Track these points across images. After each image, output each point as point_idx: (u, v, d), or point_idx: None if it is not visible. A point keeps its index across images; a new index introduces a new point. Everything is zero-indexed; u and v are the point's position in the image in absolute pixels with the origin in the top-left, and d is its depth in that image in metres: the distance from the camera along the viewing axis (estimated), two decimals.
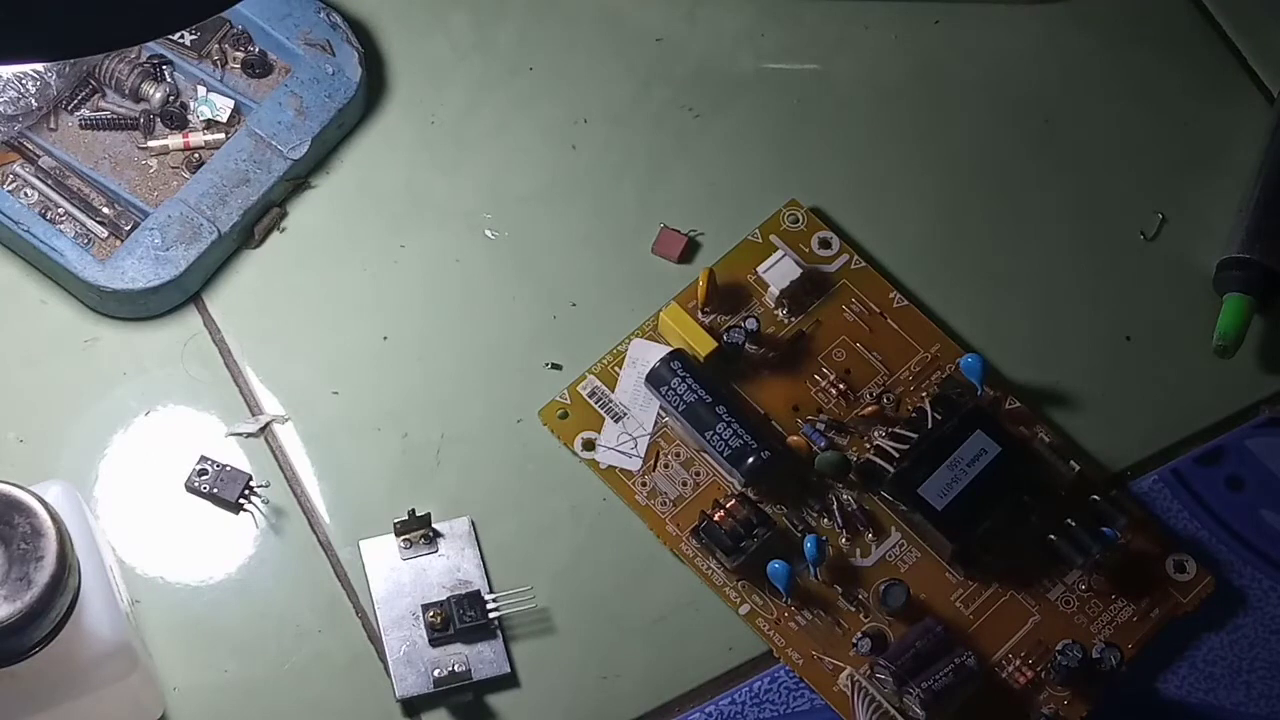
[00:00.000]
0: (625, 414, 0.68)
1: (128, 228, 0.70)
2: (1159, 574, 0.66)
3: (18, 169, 0.71)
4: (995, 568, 0.66)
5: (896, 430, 0.67)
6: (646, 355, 0.69)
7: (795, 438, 0.68)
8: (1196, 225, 0.73)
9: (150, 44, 0.72)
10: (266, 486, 0.67)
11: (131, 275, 0.68)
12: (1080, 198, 0.74)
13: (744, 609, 0.66)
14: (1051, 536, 0.66)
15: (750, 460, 0.66)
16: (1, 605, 0.53)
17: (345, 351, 0.70)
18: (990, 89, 0.76)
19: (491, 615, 0.64)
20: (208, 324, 0.70)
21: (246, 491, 0.66)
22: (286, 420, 0.68)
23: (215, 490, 0.66)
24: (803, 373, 0.69)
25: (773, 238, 0.72)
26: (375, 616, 0.65)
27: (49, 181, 0.70)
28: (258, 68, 0.73)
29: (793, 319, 0.70)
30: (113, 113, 0.72)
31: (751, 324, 0.69)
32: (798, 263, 0.70)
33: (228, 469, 0.67)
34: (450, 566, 0.65)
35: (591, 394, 0.69)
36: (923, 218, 0.73)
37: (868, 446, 0.68)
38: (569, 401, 0.68)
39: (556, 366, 0.70)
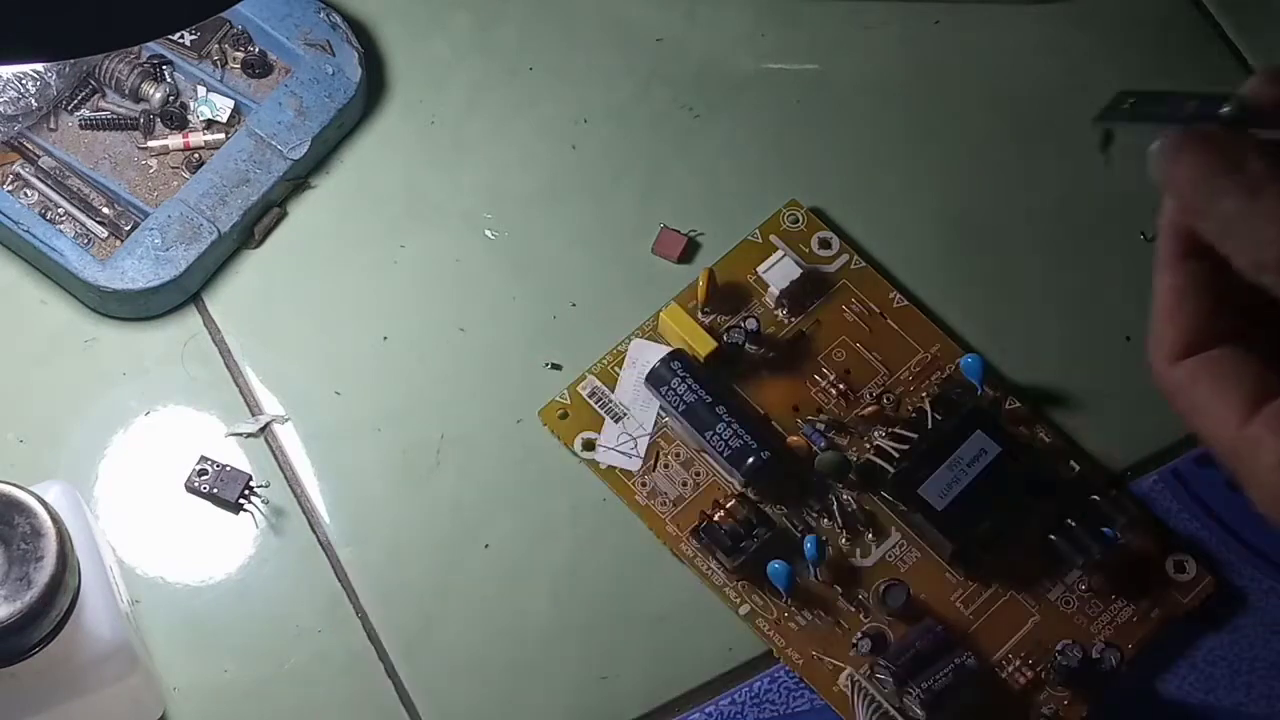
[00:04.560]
0: (625, 414, 0.68)
1: (128, 228, 0.70)
2: (1159, 574, 0.66)
3: (18, 169, 0.71)
4: (995, 568, 0.66)
5: (896, 430, 0.67)
6: (646, 355, 0.69)
7: (795, 438, 0.68)
8: None
9: (150, 44, 0.72)
10: (266, 486, 0.67)
11: (131, 275, 0.68)
12: (1080, 198, 0.74)
13: (744, 609, 0.66)
14: (1051, 536, 0.66)
15: (750, 460, 0.66)
16: (1, 605, 0.53)
17: (345, 351, 0.70)
18: (990, 89, 0.76)
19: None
20: (208, 324, 0.70)
21: (246, 491, 0.66)
22: (286, 420, 0.68)
23: (215, 490, 0.66)
24: (803, 373, 0.69)
25: (773, 238, 0.72)
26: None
27: (49, 181, 0.70)
28: (258, 68, 0.73)
29: (793, 319, 0.70)
30: (113, 113, 0.72)
31: (751, 324, 0.69)
32: (798, 263, 0.70)
33: (228, 469, 0.67)
34: None
35: (591, 394, 0.69)
36: (923, 217, 0.73)
37: (868, 446, 0.68)
38: (569, 401, 0.68)
39: (556, 366, 0.70)
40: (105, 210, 0.70)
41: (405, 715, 0.64)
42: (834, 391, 0.69)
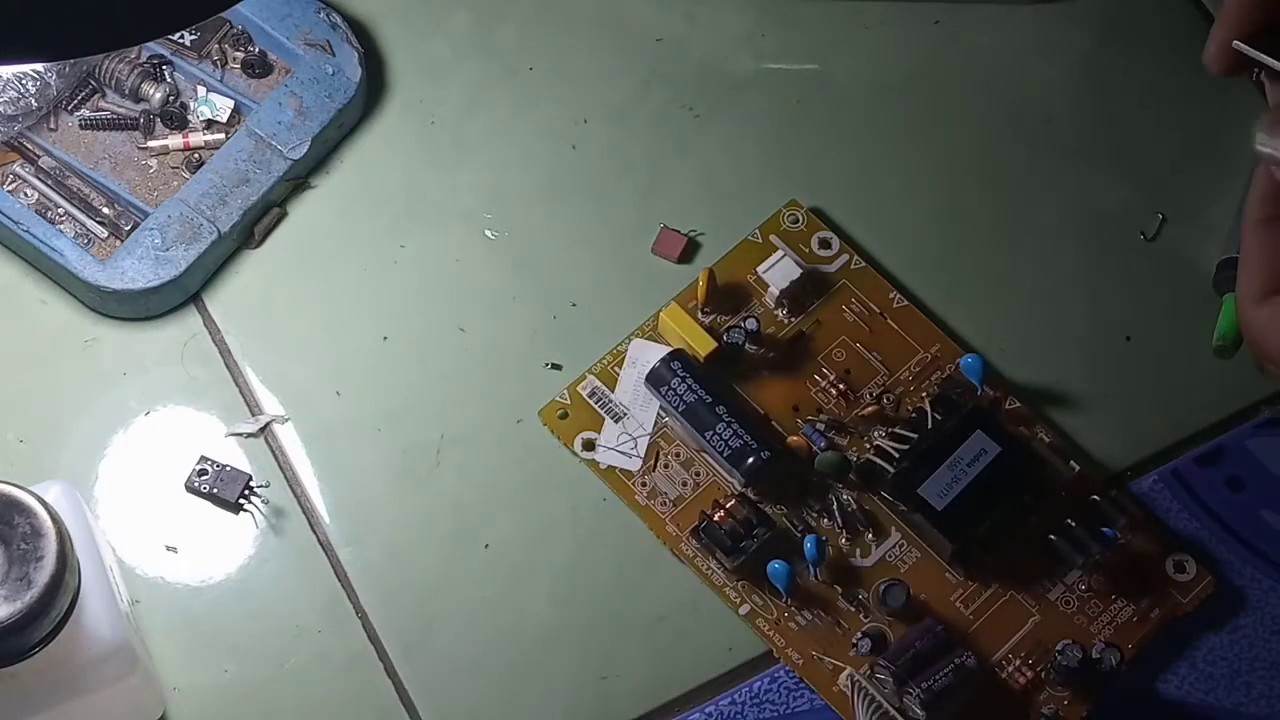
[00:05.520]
0: (625, 414, 0.68)
1: (128, 228, 0.70)
2: (1159, 574, 0.66)
3: (18, 169, 0.71)
4: (995, 568, 0.66)
5: (896, 430, 0.67)
6: (646, 355, 0.69)
7: (795, 438, 0.68)
8: (1196, 225, 0.73)
9: (150, 44, 0.72)
10: (266, 486, 0.67)
11: (131, 275, 0.68)
12: (1080, 198, 0.74)
13: (744, 609, 0.66)
14: (1051, 536, 0.66)
15: (750, 460, 0.66)
16: (1, 605, 0.53)
17: (345, 351, 0.70)
18: (990, 89, 0.76)
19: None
20: (208, 324, 0.70)
21: (246, 491, 0.66)
22: (286, 420, 0.68)
23: (215, 490, 0.66)
24: (803, 373, 0.69)
25: (773, 238, 0.72)
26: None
27: (49, 181, 0.70)
28: (258, 68, 0.73)
29: (793, 319, 0.70)
30: (113, 113, 0.72)
31: (751, 324, 0.69)
32: (798, 263, 0.70)
33: (228, 469, 0.67)
34: None
35: (591, 394, 0.69)
36: (923, 218, 0.73)
37: (868, 446, 0.68)
38: (569, 401, 0.68)
39: (556, 366, 0.70)
40: (105, 210, 0.70)
41: (405, 715, 0.64)
42: (834, 391, 0.69)
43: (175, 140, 0.71)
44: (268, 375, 0.69)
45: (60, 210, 0.70)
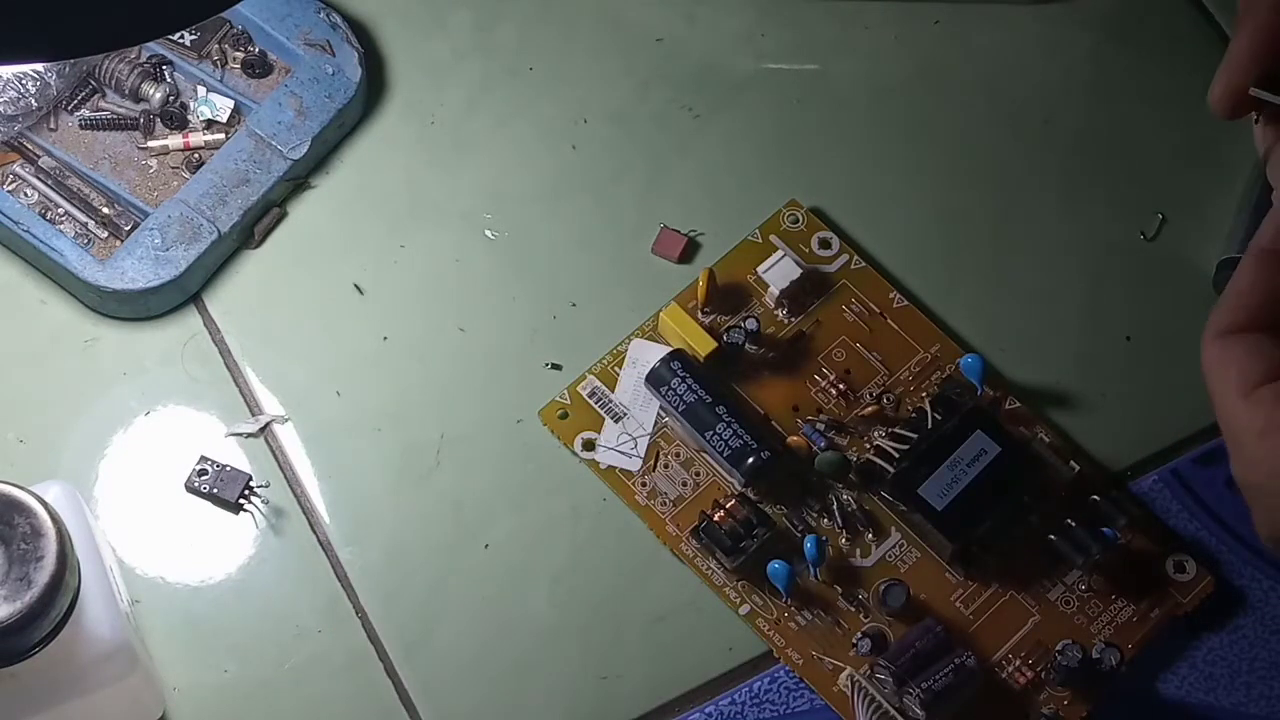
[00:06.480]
0: (625, 414, 0.68)
1: (128, 228, 0.70)
2: (1159, 574, 0.66)
3: (18, 169, 0.71)
4: (995, 568, 0.66)
5: (896, 430, 0.67)
6: (646, 355, 0.69)
7: (795, 438, 0.68)
8: (1196, 225, 0.73)
9: (150, 44, 0.72)
10: (266, 486, 0.67)
11: (131, 275, 0.68)
12: (1080, 198, 0.74)
13: (744, 609, 0.66)
14: (1051, 536, 0.66)
15: (750, 460, 0.66)
16: (1, 605, 0.53)
17: (345, 351, 0.70)
18: (990, 89, 0.76)
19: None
20: (208, 324, 0.70)
21: (246, 491, 0.66)
22: (286, 420, 0.68)
23: (215, 490, 0.66)
24: (803, 373, 0.69)
25: (773, 238, 0.72)
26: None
27: (49, 181, 0.70)
28: (258, 68, 0.73)
29: (793, 319, 0.70)
30: (113, 113, 0.72)
31: (751, 324, 0.69)
32: (798, 263, 0.70)
33: (228, 469, 0.67)
34: None
35: (591, 394, 0.69)
36: (923, 218, 0.73)
37: (868, 446, 0.68)
38: (569, 401, 0.68)
39: (556, 366, 0.70)
40: (105, 210, 0.70)
41: (405, 715, 0.64)
42: (834, 391, 0.69)
43: (175, 140, 0.71)
44: (268, 375, 0.69)
45: (60, 210, 0.70)
